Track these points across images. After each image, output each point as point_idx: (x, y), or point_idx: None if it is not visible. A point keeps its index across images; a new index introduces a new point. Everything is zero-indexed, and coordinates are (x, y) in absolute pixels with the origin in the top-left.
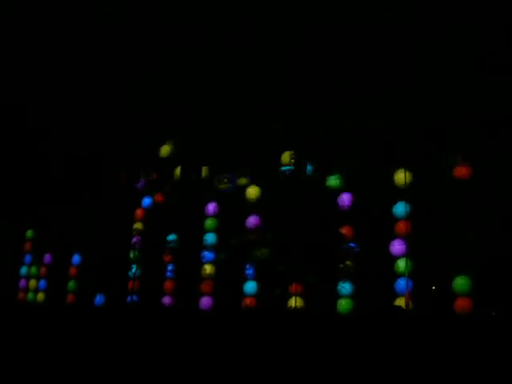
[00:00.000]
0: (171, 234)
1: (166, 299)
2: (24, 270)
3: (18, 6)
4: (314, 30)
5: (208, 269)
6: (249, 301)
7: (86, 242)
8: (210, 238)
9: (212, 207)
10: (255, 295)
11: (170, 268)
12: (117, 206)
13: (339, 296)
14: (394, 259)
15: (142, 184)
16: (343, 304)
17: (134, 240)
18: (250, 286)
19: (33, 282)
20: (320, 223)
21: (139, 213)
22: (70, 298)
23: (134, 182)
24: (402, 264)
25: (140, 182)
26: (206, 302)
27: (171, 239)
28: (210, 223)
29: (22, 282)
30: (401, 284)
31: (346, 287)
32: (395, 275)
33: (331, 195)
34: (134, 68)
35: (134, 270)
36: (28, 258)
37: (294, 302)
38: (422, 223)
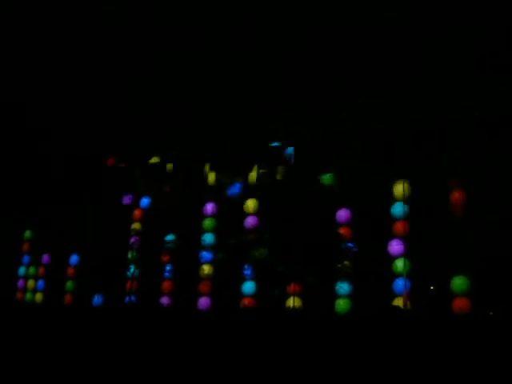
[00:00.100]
0: (169, 234)
1: (165, 299)
2: (22, 270)
3: (18, 6)
4: (314, 29)
5: (206, 269)
6: (247, 301)
7: (84, 243)
8: (208, 238)
9: (210, 207)
10: (253, 295)
11: (168, 268)
12: (115, 207)
13: (337, 296)
14: (392, 259)
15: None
16: (341, 304)
17: (132, 240)
18: (249, 286)
19: (31, 282)
20: (319, 223)
21: (137, 213)
22: (68, 298)
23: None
24: (400, 264)
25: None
26: (204, 302)
27: (169, 239)
28: (208, 223)
29: (21, 282)
30: (399, 284)
31: (344, 287)
32: (393, 275)
33: (329, 195)
34: (134, 68)
35: (132, 270)
36: (26, 258)
37: (293, 302)
38: (420, 223)
